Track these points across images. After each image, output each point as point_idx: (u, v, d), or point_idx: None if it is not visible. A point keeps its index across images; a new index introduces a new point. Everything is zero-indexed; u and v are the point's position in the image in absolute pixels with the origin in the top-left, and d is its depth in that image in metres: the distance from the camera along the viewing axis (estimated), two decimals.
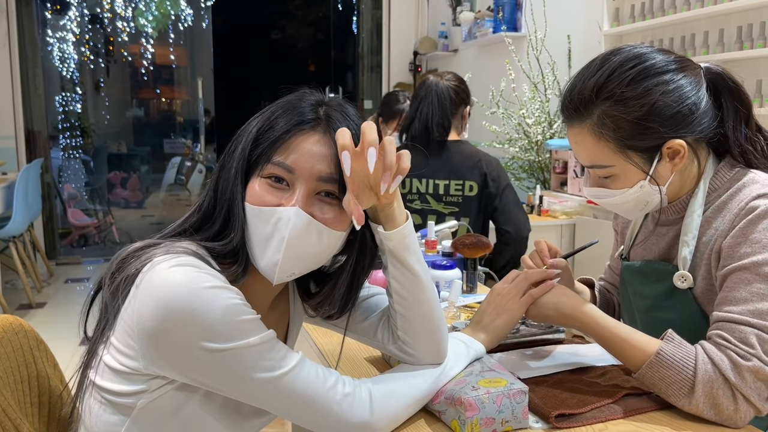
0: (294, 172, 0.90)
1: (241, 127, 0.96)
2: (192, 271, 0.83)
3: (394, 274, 0.99)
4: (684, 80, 1.11)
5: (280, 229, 0.88)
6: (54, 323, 4.18)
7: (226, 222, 0.92)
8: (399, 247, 0.96)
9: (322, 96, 0.97)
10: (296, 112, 0.92)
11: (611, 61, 1.13)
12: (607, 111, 1.11)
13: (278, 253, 0.89)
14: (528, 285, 1.19)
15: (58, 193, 6.32)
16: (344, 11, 7.44)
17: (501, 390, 0.97)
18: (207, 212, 0.95)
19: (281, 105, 0.95)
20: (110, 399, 0.87)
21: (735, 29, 2.81)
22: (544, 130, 3.74)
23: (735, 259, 1.07)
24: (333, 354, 1.31)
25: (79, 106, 7.73)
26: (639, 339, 1.08)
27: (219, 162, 0.97)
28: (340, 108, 0.94)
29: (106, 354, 0.87)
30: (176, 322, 0.81)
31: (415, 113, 2.44)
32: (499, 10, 4.39)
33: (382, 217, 0.96)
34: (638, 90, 1.09)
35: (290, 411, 0.89)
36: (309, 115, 0.92)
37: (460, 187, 2.41)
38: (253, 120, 0.96)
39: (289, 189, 0.91)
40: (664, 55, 1.13)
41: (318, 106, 0.94)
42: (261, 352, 0.86)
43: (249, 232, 0.91)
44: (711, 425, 1.01)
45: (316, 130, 0.91)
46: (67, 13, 7.36)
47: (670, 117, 1.10)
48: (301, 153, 0.90)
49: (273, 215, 0.89)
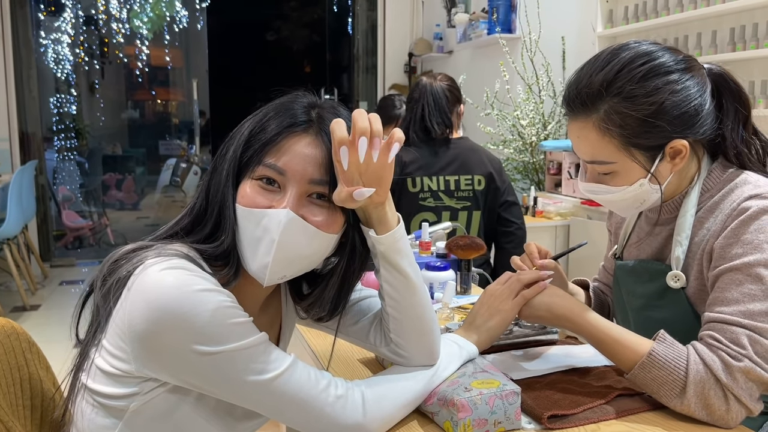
0: (285, 174, 0.89)
1: (234, 130, 0.96)
2: (183, 274, 0.83)
3: (386, 277, 0.98)
4: (691, 81, 1.11)
5: (270, 231, 0.88)
6: (48, 325, 4.17)
7: (218, 224, 0.92)
8: (391, 251, 0.96)
9: (315, 98, 0.97)
10: (288, 114, 0.92)
11: (621, 57, 1.12)
12: (614, 107, 1.10)
13: (268, 255, 0.89)
14: (521, 286, 1.19)
15: (52, 195, 6.30)
16: (339, 13, 7.44)
17: (493, 391, 0.97)
18: (198, 214, 0.95)
19: (273, 107, 0.95)
20: (102, 402, 0.87)
21: (728, 31, 2.82)
22: (539, 132, 3.75)
23: (727, 259, 1.07)
24: (326, 355, 1.31)
25: (74, 108, 7.71)
26: (631, 339, 1.09)
27: (211, 164, 0.97)
28: (333, 110, 0.94)
29: (98, 357, 0.87)
30: (167, 325, 0.81)
31: (412, 115, 2.47)
32: (494, 11, 4.40)
33: (374, 220, 0.95)
34: (648, 88, 1.09)
35: (283, 413, 0.89)
36: (301, 117, 0.92)
37: (470, 181, 2.47)
38: (246, 122, 0.95)
39: (280, 191, 0.90)
40: (673, 54, 1.13)
41: (311, 109, 0.94)
42: (253, 355, 0.85)
43: (240, 235, 0.91)
44: (703, 425, 1.02)
45: (308, 132, 0.91)
46: (61, 15, 7.34)
47: (677, 117, 1.10)
48: (293, 155, 0.90)
49: (264, 217, 0.88)
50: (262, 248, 0.89)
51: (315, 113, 0.93)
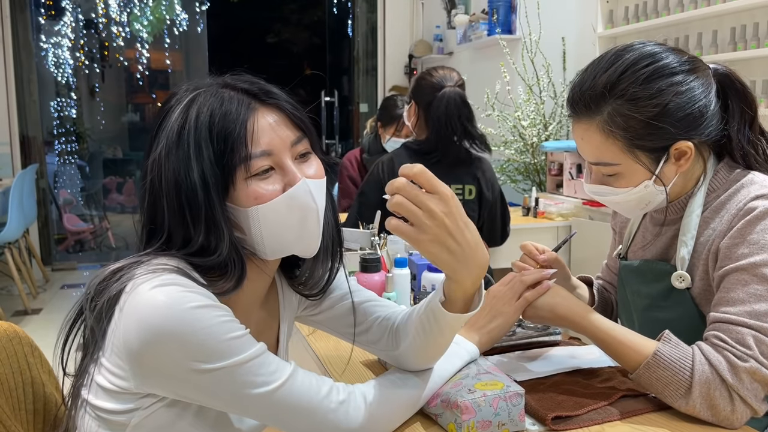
0: (273, 152, 0.88)
1: (154, 158, 0.87)
2: (175, 291, 0.80)
3: (426, 327, 0.96)
4: (696, 82, 1.10)
5: (306, 206, 0.89)
6: (50, 329, 4.16)
7: (207, 237, 0.86)
8: (452, 326, 0.95)
9: (221, 78, 0.92)
10: (229, 101, 0.87)
11: (624, 59, 1.11)
12: (618, 109, 1.10)
13: (317, 226, 0.92)
14: (524, 287, 1.19)
15: (53, 199, 6.30)
16: (339, 15, 7.44)
17: (497, 393, 0.97)
18: (172, 228, 0.88)
19: (207, 106, 0.87)
20: (104, 417, 0.86)
21: (728, 30, 2.82)
22: (540, 132, 3.75)
23: (732, 259, 1.07)
24: (329, 359, 1.31)
25: (74, 112, 7.71)
26: (635, 340, 1.08)
27: (147, 192, 0.89)
28: (246, 77, 0.92)
29: (98, 374, 0.85)
30: (164, 345, 0.79)
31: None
32: (494, 12, 4.39)
33: (458, 294, 0.92)
34: (651, 90, 1.08)
35: (286, 423, 0.88)
36: (243, 100, 0.88)
37: (460, 190, 2.41)
38: (175, 149, 0.86)
39: (275, 171, 0.89)
40: (678, 55, 1.12)
41: (240, 92, 0.89)
42: (252, 368, 0.84)
43: (265, 231, 0.88)
44: (708, 426, 1.01)
45: (257, 105, 0.88)
46: (61, 19, 7.35)
47: (681, 118, 1.09)
48: (265, 131, 0.88)
49: (290, 200, 0.88)
50: (309, 225, 0.90)
51: (243, 86, 0.90)
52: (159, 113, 0.91)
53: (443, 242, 0.85)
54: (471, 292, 0.92)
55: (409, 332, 1.00)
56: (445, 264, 0.87)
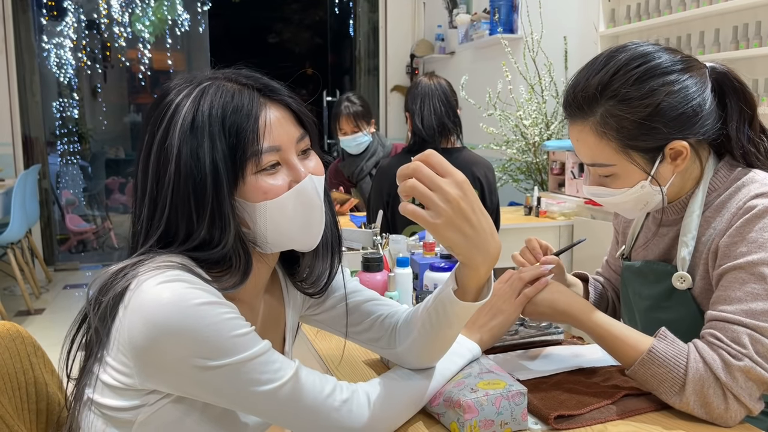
0: (281, 148, 0.89)
1: (158, 152, 0.86)
2: (180, 287, 0.80)
3: (434, 320, 0.97)
4: (689, 81, 1.10)
5: (310, 203, 0.90)
6: (52, 329, 4.17)
7: (210, 230, 0.86)
8: (461, 317, 0.95)
9: (222, 72, 0.93)
10: (240, 96, 0.87)
11: (616, 59, 1.11)
12: (610, 110, 1.10)
13: (321, 222, 0.93)
14: (523, 284, 1.19)
15: (56, 199, 6.31)
16: (341, 15, 7.44)
17: (500, 392, 0.97)
18: (173, 224, 0.87)
19: (220, 105, 0.86)
20: (110, 414, 0.86)
21: (731, 29, 2.81)
22: (542, 132, 3.74)
23: (731, 258, 1.06)
24: (332, 358, 1.31)
25: (77, 112, 7.71)
26: (632, 336, 1.08)
27: (149, 186, 0.88)
28: (246, 72, 0.92)
29: (103, 372, 0.85)
30: (169, 342, 0.79)
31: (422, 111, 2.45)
32: (495, 12, 4.39)
33: (471, 281, 0.91)
34: (643, 90, 1.08)
35: (289, 421, 0.88)
36: (252, 95, 0.88)
37: None
38: (187, 143, 0.85)
39: (281, 167, 0.89)
40: (671, 55, 1.12)
41: (247, 87, 0.89)
42: (257, 366, 0.84)
43: (270, 226, 0.88)
44: (711, 426, 1.01)
45: (265, 100, 0.89)
46: (63, 19, 7.35)
47: (674, 118, 1.09)
48: (274, 127, 0.88)
49: (298, 196, 0.89)
50: (313, 220, 0.92)
51: (246, 81, 0.90)
52: (155, 107, 0.89)
53: (458, 226, 0.84)
54: (484, 280, 0.92)
55: (413, 328, 1.01)
56: (460, 248, 0.87)
